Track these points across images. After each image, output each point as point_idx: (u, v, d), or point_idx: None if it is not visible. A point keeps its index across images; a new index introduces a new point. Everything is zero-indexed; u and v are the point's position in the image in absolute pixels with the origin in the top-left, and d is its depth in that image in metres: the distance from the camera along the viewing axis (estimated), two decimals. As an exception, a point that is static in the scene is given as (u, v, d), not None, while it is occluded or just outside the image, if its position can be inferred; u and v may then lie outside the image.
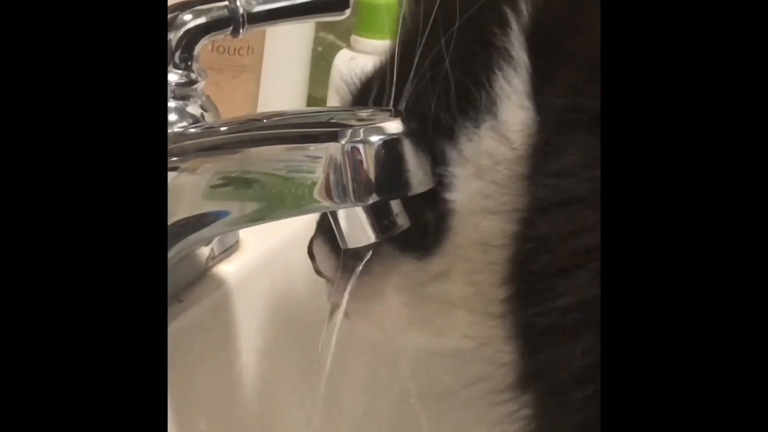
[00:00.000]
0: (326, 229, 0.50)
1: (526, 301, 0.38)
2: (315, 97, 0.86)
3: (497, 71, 0.42)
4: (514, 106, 0.42)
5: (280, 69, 0.79)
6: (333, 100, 0.80)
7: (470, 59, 0.43)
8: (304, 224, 0.54)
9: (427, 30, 0.44)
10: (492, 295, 0.41)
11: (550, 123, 0.40)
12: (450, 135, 0.43)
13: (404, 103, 0.45)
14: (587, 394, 0.34)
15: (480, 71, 0.43)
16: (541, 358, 0.37)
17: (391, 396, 0.62)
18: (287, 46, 0.81)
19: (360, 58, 0.76)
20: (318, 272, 0.52)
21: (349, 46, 0.80)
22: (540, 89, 0.41)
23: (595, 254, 0.34)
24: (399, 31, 0.47)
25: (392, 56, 0.46)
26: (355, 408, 0.65)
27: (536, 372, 0.38)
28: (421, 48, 0.44)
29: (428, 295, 0.47)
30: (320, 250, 0.51)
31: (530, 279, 0.37)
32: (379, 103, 0.47)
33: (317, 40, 0.87)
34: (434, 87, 0.44)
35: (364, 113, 0.46)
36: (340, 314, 0.48)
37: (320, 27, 0.87)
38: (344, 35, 0.85)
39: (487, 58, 0.43)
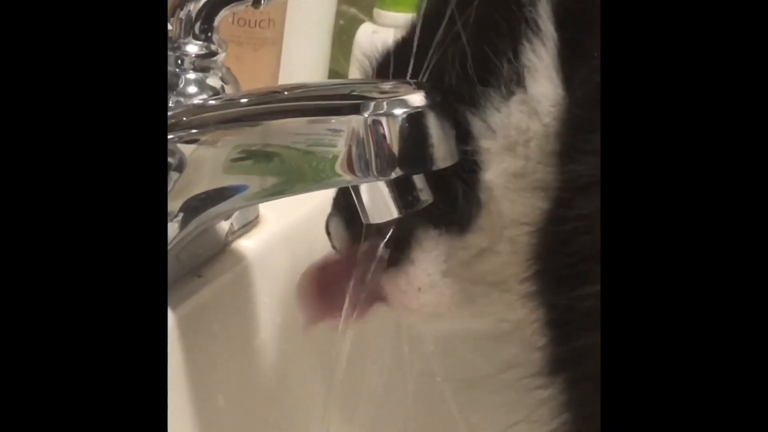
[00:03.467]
0: (342, 207, 0.49)
1: (563, 284, 0.37)
2: (336, 71, 0.85)
3: (525, 42, 0.42)
4: (543, 80, 0.41)
5: (302, 42, 0.78)
6: (355, 74, 0.79)
7: (495, 31, 0.43)
8: (325, 199, 0.53)
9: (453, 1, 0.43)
10: (528, 277, 0.40)
11: (583, 98, 0.39)
12: (476, 107, 0.43)
13: (425, 76, 0.44)
14: None
15: (506, 43, 0.42)
16: (579, 344, 0.36)
17: (415, 378, 0.62)
18: (309, 19, 0.80)
19: (382, 32, 0.75)
20: (334, 248, 0.51)
21: (371, 20, 0.80)
22: (569, 63, 0.40)
23: None
24: (424, 2, 0.46)
25: (414, 28, 0.45)
26: (375, 389, 0.65)
27: (573, 357, 0.37)
28: (446, 19, 0.43)
29: (467, 275, 0.46)
30: (336, 226, 0.51)
31: (569, 261, 0.36)
32: (400, 77, 0.46)
33: (339, 14, 0.86)
34: (455, 58, 0.43)
35: (386, 86, 0.45)
36: (363, 292, 0.48)
37: (342, 0, 0.86)
38: (367, 8, 0.84)
39: (514, 29, 0.42)
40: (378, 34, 0.76)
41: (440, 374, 0.58)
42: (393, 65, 0.47)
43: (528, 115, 0.41)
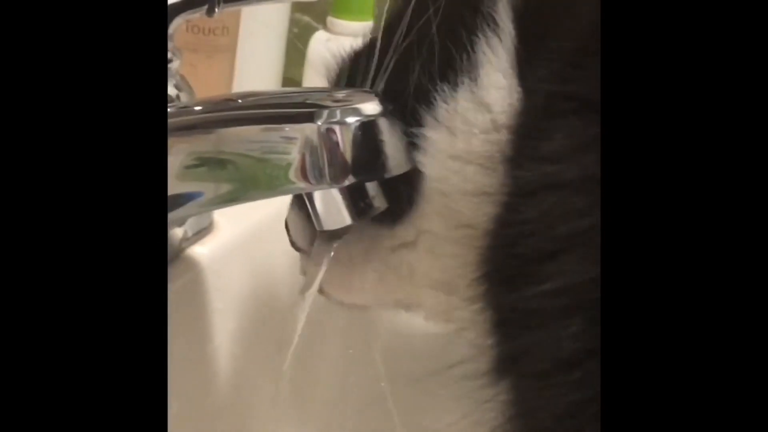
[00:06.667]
0: (301, 203, 0.49)
1: (510, 285, 0.37)
2: (290, 79, 0.85)
3: (480, 35, 0.42)
4: (495, 74, 0.41)
5: (256, 50, 0.78)
6: (309, 82, 0.79)
7: (457, 24, 0.43)
8: (279, 206, 0.54)
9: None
10: (473, 278, 0.40)
11: (536, 106, 0.39)
12: (426, 98, 0.43)
13: (386, 74, 0.44)
14: (573, 379, 0.34)
15: (464, 35, 0.42)
16: (524, 342, 0.36)
17: (363, 378, 0.62)
18: (263, 26, 0.80)
19: (336, 40, 0.76)
20: (292, 244, 0.52)
21: (325, 28, 0.80)
22: (525, 66, 0.41)
23: (582, 239, 0.34)
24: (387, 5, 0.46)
25: (373, 34, 0.45)
26: (326, 391, 0.65)
27: (518, 356, 0.37)
28: (409, 16, 0.43)
29: (397, 266, 0.47)
30: (294, 221, 0.51)
31: (515, 263, 0.37)
32: (362, 79, 0.46)
33: (293, 21, 0.86)
34: (419, 54, 0.43)
35: (340, 94, 0.45)
36: (312, 292, 0.48)
37: (296, 8, 0.87)
38: (320, 16, 0.85)
39: (472, 21, 0.42)
40: (331, 42, 0.76)
41: (389, 374, 0.58)
42: (353, 70, 0.48)
43: (476, 107, 0.42)
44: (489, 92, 0.41)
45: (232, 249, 0.62)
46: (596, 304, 0.32)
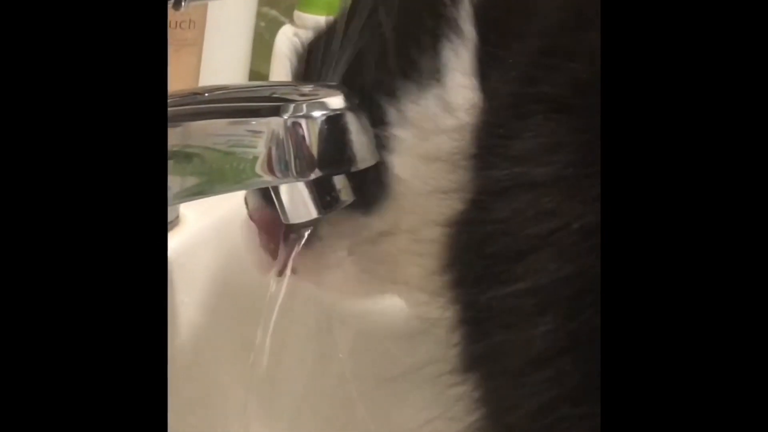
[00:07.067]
0: (268, 195, 0.49)
1: (482, 284, 0.37)
2: (257, 72, 0.85)
3: (445, 41, 0.42)
4: (460, 78, 0.42)
5: (222, 43, 0.78)
6: (275, 76, 0.79)
7: (417, 26, 0.43)
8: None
9: None
10: (444, 277, 0.40)
11: (501, 106, 0.39)
12: (390, 93, 0.43)
13: (345, 68, 0.45)
14: (545, 378, 0.34)
15: (426, 38, 0.43)
16: (496, 341, 0.36)
17: (334, 374, 0.62)
18: (229, 20, 0.80)
19: (302, 34, 0.76)
20: (251, 218, 0.52)
21: (291, 22, 0.80)
22: (488, 68, 0.41)
23: (553, 238, 0.34)
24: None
25: (333, 25, 0.46)
26: (294, 385, 0.65)
27: (490, 355, 0.37)
28: (368, 12, 0.44)
29: (374, 256, 0.47)
30: (253, 197, 0.51)
31: (487, 262, 0.37)
32: (322, 73, 0.47)
33: (260, 15, 0.86)
34: (373, 48, 0.44)
35: (306, 88, 0.46)
36: (283, 286, 0.48)
37: (263, 2, 0.87)
38: (287, 10, 0.85)
39: (435, 27, 0.42)
40: (298, 37, 0.76)
41: (358, 371, 0.59)
42: (314, 63, 0.48)
43: (443, 109, 0.42)
44: (454, 95, 0.42)
45: (199, 242, 0.62)
46: (568, 303, 0.32)
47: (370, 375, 0.60)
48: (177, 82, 0.67)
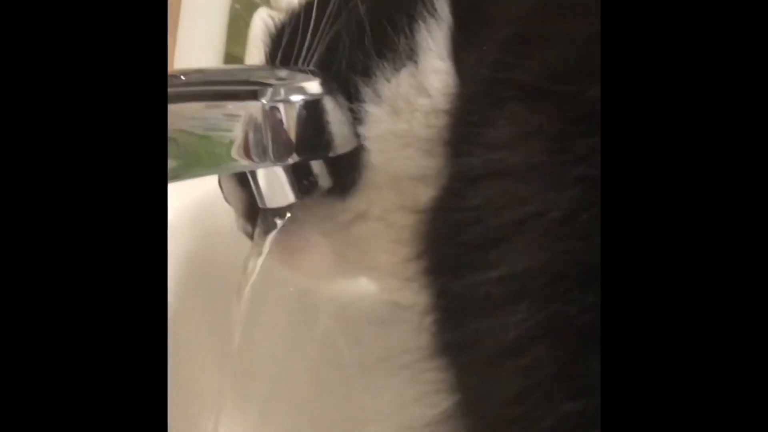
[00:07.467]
0: (244, 179, 0.49)
1: (456, 271, 0.37)
2: (233, 55, 0.85)
3: (420, 21, 0.42)
4: (435, 60, 0.42)
5: (197, 26, 0.78)
6: (251, 59, 0.79)
7: (392, 6, 0.43)
8: (221, 184, 0.53)
9: None
10: (417, 263, 0.40)
11: (476, 92, 0.39)
12: (365, 73, 0.44)
13: (321, 49, 0.45)
14: (519, 365, 0.34)
15: (401, 18, 0.43)
16: (470, 329, 0.36)
17: (309, 360, 0.62)
18: (204, 2, 0.79)
19: (277, 16, 0.75)
20: (227, 202, 0.52)
21: (267, 5, 0.80)
22: (462, 52, 0.41)
23: (527, 226, 0.34)
24: None
25: (310, 5, 0.45)
26: (268, 373, 0.65)
27: (464, 342, 0.37)
28: None
29: (348, 239, 0.47)
30: (227, 181, 0.51)
31: (461, 250, 0.37)
32: (296, 56, 0.47)
33: (235, -3, 0.85)
34: (349, 29, 0.44)
35: (283, 72, 0.46)
36: (256, 269, 0.48)
37: (238, -16, 0.86)
38: (263, -7, 0.84)
39: (410, 6, 0.43)
40: (273, 18, 0.76)
41: (333, 357, 0.59)
42: (288, 45, 0.48)
43: (417, 90, 0.42)
44: (428, 77, 0.42)
45: (174, 227, 0.62)
46: (542, 291, 0.32)
47: (344, 360, 0.60)
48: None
